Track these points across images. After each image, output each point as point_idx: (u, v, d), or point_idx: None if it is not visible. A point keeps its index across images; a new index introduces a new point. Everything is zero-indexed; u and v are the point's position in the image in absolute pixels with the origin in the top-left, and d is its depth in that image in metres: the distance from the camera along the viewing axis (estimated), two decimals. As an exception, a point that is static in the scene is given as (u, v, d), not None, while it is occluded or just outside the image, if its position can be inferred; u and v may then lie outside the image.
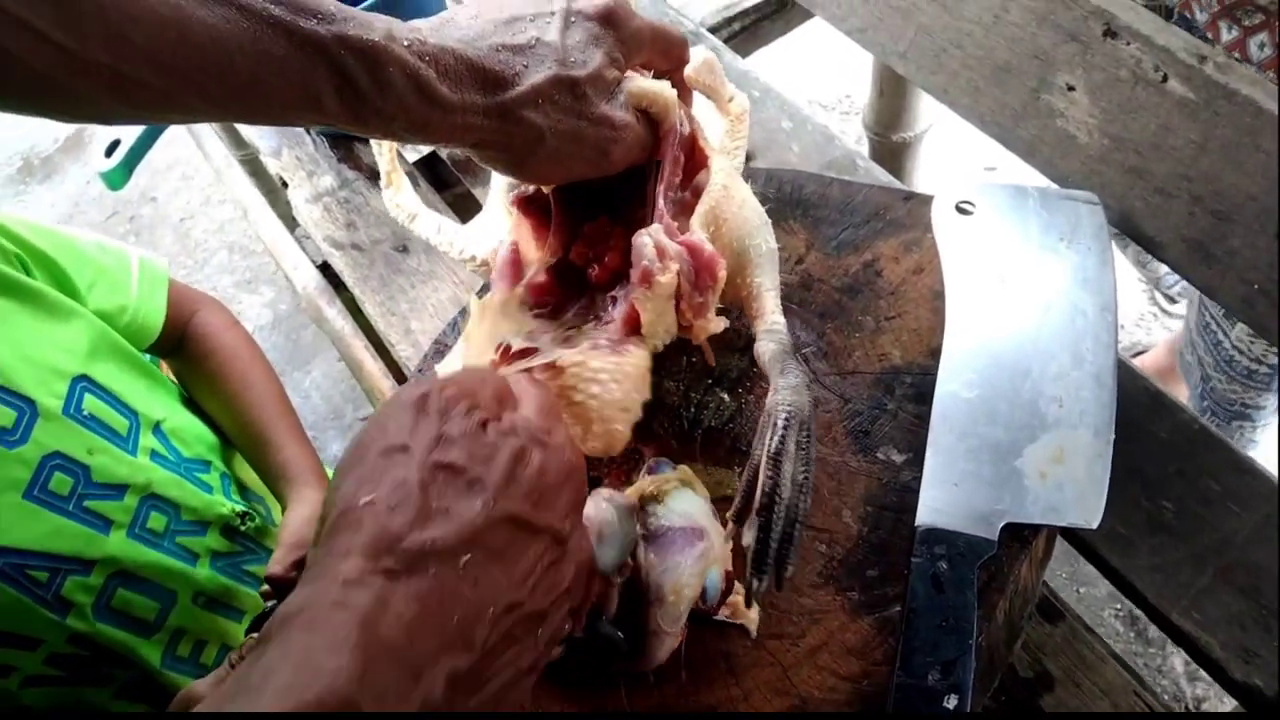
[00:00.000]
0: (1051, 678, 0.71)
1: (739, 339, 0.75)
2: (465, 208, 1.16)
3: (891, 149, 1.82)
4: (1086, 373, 0.68)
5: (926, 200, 0.80)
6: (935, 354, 0.71)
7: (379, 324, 1.06)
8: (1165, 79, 0.76)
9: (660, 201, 0.64)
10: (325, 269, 1.20)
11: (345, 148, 1.23)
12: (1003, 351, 0.70)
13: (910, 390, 0.71)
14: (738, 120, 0.77)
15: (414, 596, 0.38)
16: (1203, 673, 1.62)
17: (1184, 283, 2.00)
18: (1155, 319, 2.11)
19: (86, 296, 0.90)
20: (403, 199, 0.79)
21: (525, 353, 0.61)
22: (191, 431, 0.95)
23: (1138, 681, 0.70)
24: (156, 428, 0.90)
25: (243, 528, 0.92)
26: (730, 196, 0.67)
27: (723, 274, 0.63)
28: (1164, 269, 1.97)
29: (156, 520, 0.85)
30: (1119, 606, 1.72)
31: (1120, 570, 0.74)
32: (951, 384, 0.69)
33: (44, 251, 0.87)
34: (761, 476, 0.56)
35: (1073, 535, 0.76)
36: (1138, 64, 0.77)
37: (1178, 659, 1.66)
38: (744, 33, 1.52)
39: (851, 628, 0.61)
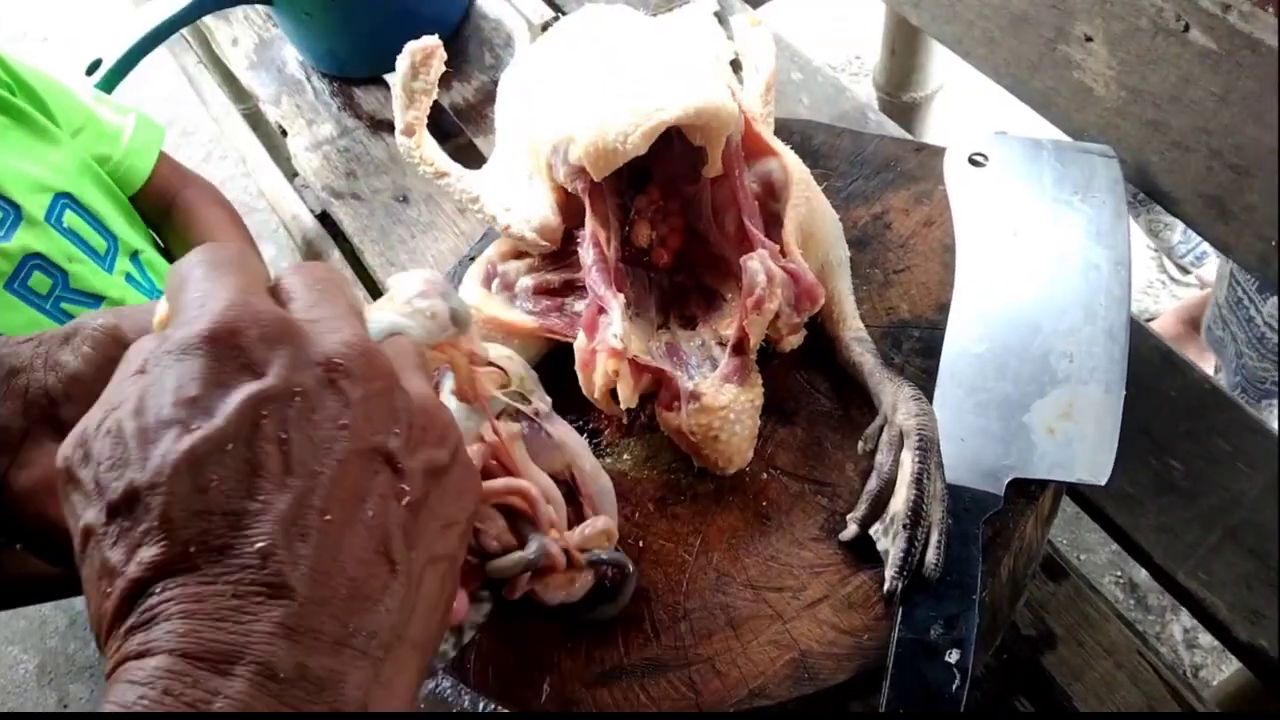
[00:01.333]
0: (1054, 636, 0.70)
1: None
2: (468, 159, 1.14)
3: (901, 109, 1.79)
4: (1099, 328, 0.67)
5: (938, 152, 0.78)
6: (944, 308, 0.70)
7: (378, 274, 1.05)
8: (1187, 28, 0.74)
9: (751, 228, 0.65)
10: (324, 219, 1.19)
11: (345, 95, 1.21)
12: (1013, 306, 0.69)
13: (918, 344, 0.70)
14: (770, 86, 0.77)
15: None
16: (1201, 640, 1.63)
17: (1204, 252, 1.97)
18: (1164, 286, 2.09)
19: (70, 138, 0.98)
20: (428, 153, 0.74)
21: (656, 374, 0.62)
22: (167, 268, 0.99)
23: (1140, 640, 0.69)
24: (134, 256, 0.98)
25: None
26: (813, 209, 0.69)
27: (821, 299, 0.66)
28: (1176, 238, 1.94)
29: None
30: (1119, 573, 1.71)
31: (1126, 530, 0.73)
32: (960, 338, 0.68)
33: (32, 86, 0.95)
34: (908, 493, 0.58)
35: (1079, 494, 0.75)
36: (1159, 13, 0.75)
37: (1176, 626, 1.66)
38: (754, -16, 1.48)
39: (853, 581, 0.60)
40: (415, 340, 0.45)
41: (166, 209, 1.08)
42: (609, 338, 0.61)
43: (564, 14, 1.19)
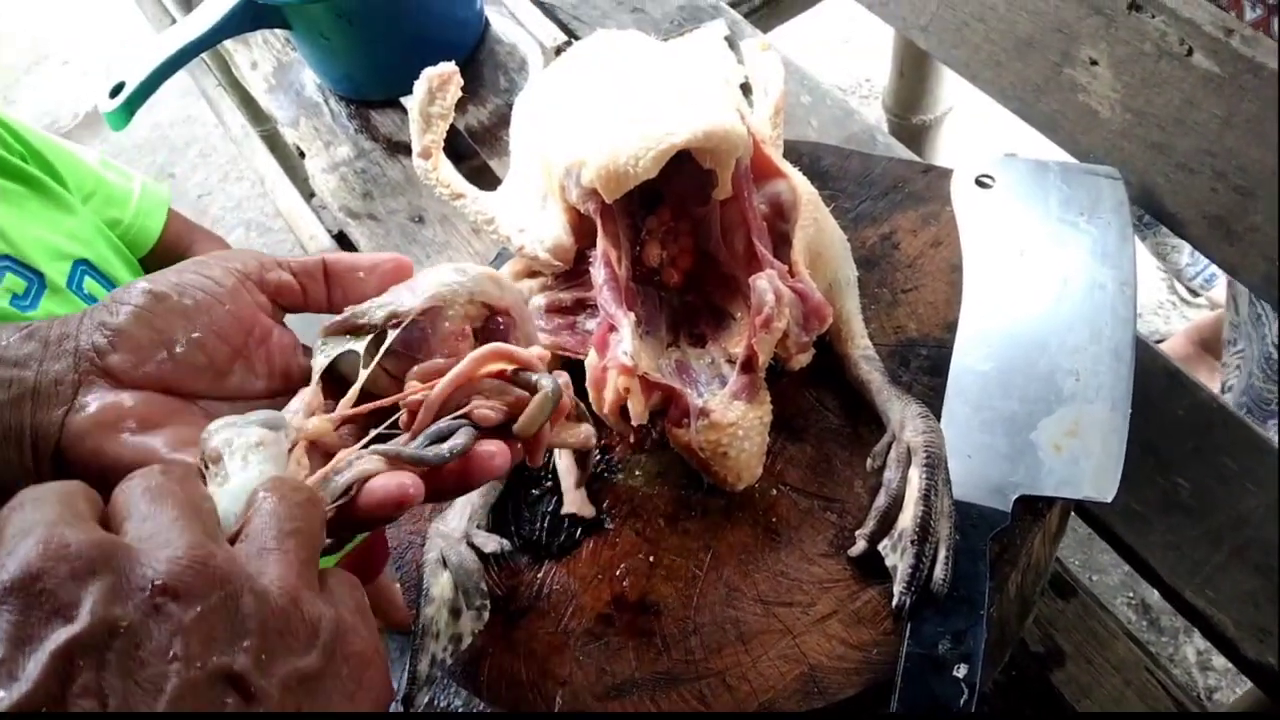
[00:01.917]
0: (1063, 653, 0.70)
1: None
2: (483, 181, 1.15)
3: (911, 131, 1.81)
4: (1104, 347, 0.68)
5: (946, 174, 0.80)
6: (951, 327, 0.71)
7: (393, 294, 1.06)
8: (1190, 52, 0.75)
9: (761, 249, 0.66)
10: (341, 239, 1.20)
11: (362, 118, 1.23)
12: (1020, 325, 0.69)
13: (926, 363, 0.70)
14: (779, 109, 0.78)
15: None
16: (1214, 663, 1.62)
17: (1212, 274, 1.97)
18: (1174, 307, 2.09)
19: (82, 204, 0.99)
20: (444, 175, 0.76)
21: (666, 391, 0.63)
22: None
23: (1149, 658, 0.69)
24: None
25: None
26: (822, 229, 0.70)
27: (829, 318, 0.67)
28: (1184, 260, 1.94)
29: None
30: (1131, 595, 1.71)
31: (1134, 547, 0.73)
32: (967, 357, 0.68)
33: (42, 153, 0.96)
34: (915, 509, 0.59)
35: (1088, 513, 0.76)
36: (1162, 37, 0.77)
37: (1190, 649, 1.65)
38: (764, 8, 1.51)
39: (861, 596, 0.61)
40: (465, 291, 0.48)
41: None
42: (620, 355, 0.62)
43: (577, 38, 1.21)
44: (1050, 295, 0.71)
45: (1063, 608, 0.72)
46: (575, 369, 0.68)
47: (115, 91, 1.12)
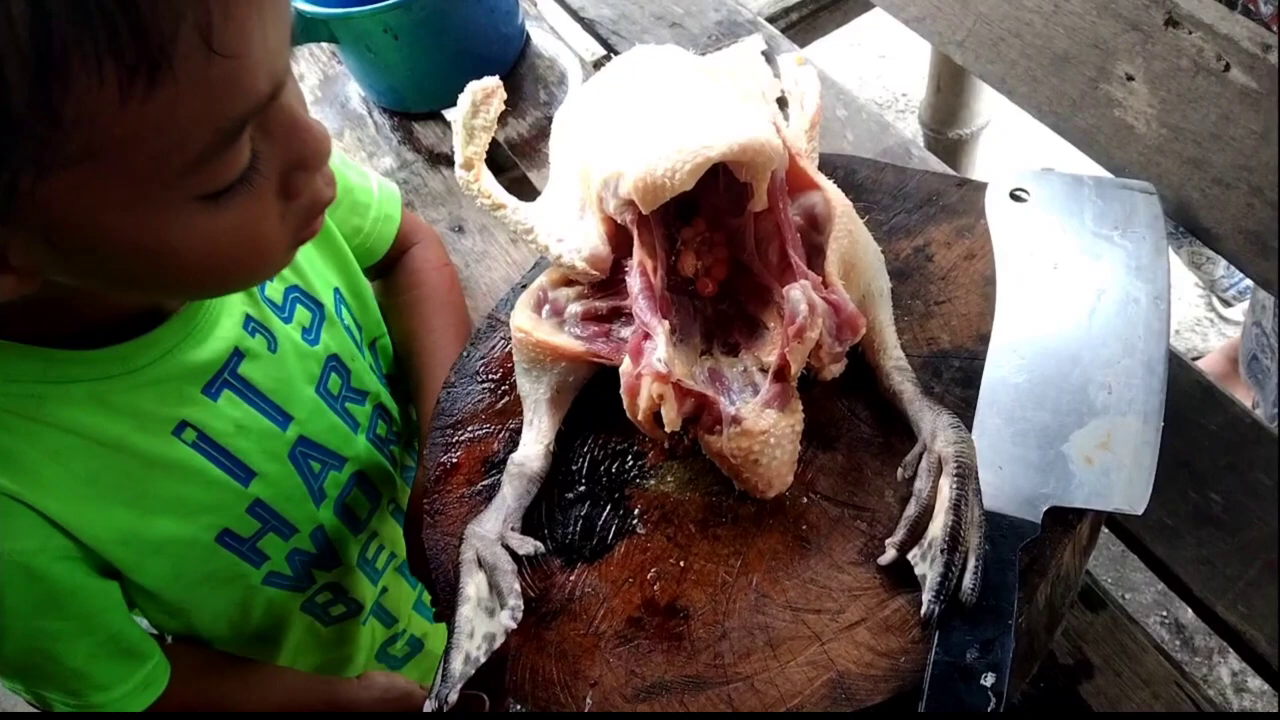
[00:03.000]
0: (1091, 666, 0.70)
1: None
2: (522, 192, 1.17)
3: (947, 146, 1.81)
4: (1137, 360, 0.68)
5: (980, 187, 0.80)
6: (984, 339, 0.71)
7: (433, 301, 1.08)
8: (1228, 68, 0.75)
9: (795, 259, 0.67)
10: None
11: (405, 129, 1.26)
12: (1053, 337, 0.70)
13: (958, 374, 0.71)
14: (815, 123, 0.79)
15: None
16: (1250, 684, 1.60)
17: (1247, 286, 1.95)
18: (1212, 325, 2.07)
19: (331, 213, 0.87)
20: (485, 186, 0.77)
21: (699, 399, 0.64)
22: (389, 353, 0.98)
23: (1179, 672, 0.69)
24: (373, 343, 0.94)
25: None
26: (855, 240, 0.71)
27: (863, 330, 0.68)
28: (1219, 271, 1.93)
29: (381, 428, 0.91)
30: (1164, 614, 1.69)
31: (1165, 561, 0.73)
32: (1000, 368, 0.69)
33: None
34: (946, 519, 0.60)
35: (1119, 526, 0.76)
36: (1199, 53, 0.77)
37: (1224, 669, 1.63)
38: (801, 23, 1.52)
39: (890, 605, 0.61)
40: None
41: (392, 263, 0.99)
42: (654, 362, 0.64)
43: (616, 53, 1.22)
44: (1083, 308, 0.71)
45: (1092, 620, 0.72)
46: (610, 376, 0.69)
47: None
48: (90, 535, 0.68)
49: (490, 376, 0.79)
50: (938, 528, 0.60)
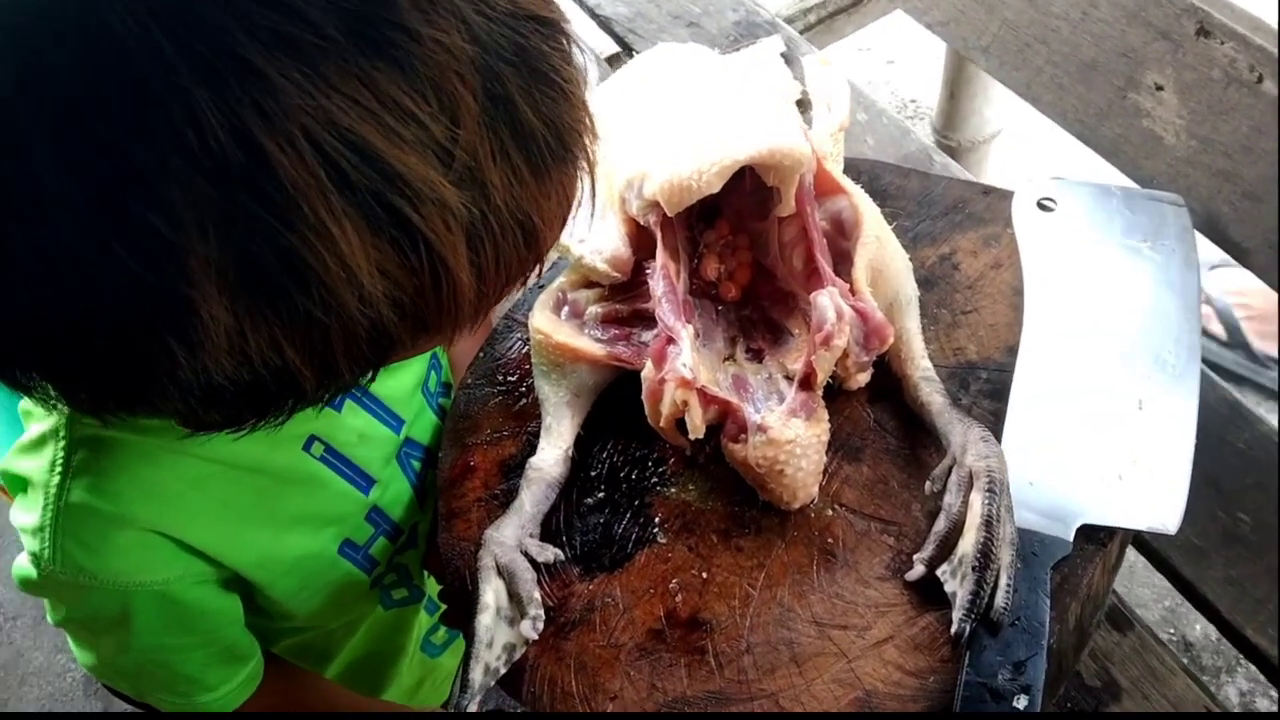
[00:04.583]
0: (1119, 687, 0.69)
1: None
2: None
3: (958, 153, 1.80)
4: (1168, 375, 0.66)
5: (1006, 195, 0.79)
6: (1012, 351, 0.70)
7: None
8: (1260, 79, 0.74)
9: (823, 265, 0.66)
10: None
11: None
12: (1082, 351, 0.68)
13: (986, 386, 0.70)
14: (843, 127, 0.78)
15: None
16: (1259, 705, 1.58)
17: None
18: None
19: None
20: None
21: (723, 406, 0.63)
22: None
23: (1209, 696, 0.68)
24: None
25: None
26: (883, 246, 0.70)
27: (891, 339, 0.66)
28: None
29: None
30: (1172, 631, 1.68)
31: (1193, 582, 0.72)
32: (1030, 381, 0.67)
33: None
34: (977, 535, 0.58)
35: (1145, 545, 0.75)
36: (1231, 64, 0.76)
37: (1232, 689, 1.62)
38: (819, 25, 1.51)
39: (919, 622, 0.60)
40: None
41: None
42: (678, 367, 0.62)
43: (632, 51, 1.21)
44: (1113, 321, 0.70)
45: (1119, 641, 0.71)
46: (629, 381, 0.68)
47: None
48: (230, 558, 0.69)
49: (507, 379, 0.78)
50: (969, 544, 0.58)
